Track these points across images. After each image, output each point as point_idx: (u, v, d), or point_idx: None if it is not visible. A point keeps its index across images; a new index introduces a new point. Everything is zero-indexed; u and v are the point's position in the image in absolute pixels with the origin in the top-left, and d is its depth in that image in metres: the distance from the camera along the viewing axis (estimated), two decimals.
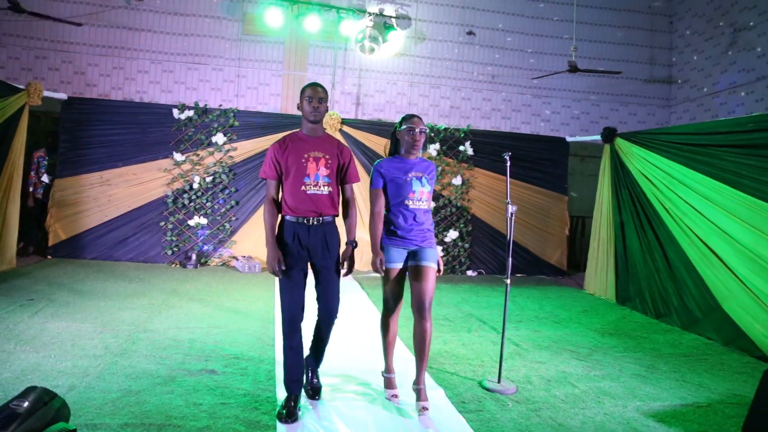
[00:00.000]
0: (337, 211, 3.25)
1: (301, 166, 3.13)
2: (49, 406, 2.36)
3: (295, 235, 3.13)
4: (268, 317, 5.30)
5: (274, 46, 9.39)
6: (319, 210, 3.14)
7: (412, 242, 3.32)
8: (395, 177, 3.33)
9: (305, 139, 3.22)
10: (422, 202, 3.34)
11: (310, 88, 3.18)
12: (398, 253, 3.32)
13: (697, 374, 4.33)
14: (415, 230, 3.32)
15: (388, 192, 3.35)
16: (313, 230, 3.14)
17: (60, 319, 4.75)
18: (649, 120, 10.56)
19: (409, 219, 3.31)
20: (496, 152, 8.29)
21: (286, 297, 3.14)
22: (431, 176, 3.42)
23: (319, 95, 3.15)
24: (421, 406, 3.21)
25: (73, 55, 8.80)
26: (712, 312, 5.49)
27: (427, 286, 3.25)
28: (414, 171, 3.36)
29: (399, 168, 3.36)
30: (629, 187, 7.00)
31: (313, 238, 3.14)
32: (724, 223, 5.43)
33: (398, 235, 3.31)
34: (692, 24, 10.05)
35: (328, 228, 3.19)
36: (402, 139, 3.39)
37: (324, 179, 3.16)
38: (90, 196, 7.73)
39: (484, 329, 5.37)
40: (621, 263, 7.08)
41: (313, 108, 3.15)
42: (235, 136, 8.14)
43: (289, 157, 3.15)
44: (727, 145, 5.51)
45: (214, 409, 3.14)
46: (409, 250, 3.33)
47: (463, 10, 9.93)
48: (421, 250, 3.31)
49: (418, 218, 3.33)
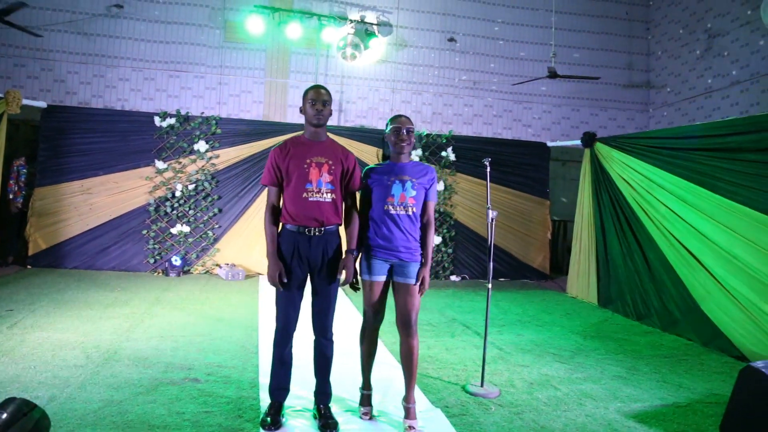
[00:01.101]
0: (340, 219, 3.12)
1: (303, 172, 2.99)
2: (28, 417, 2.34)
3: (295, 246, 3.01)
4: (251, 325, 5.28)
5: (256, 53, 9.39)
6: (321, 218, 3.00)
7: (393, 254, 3.10)
8: (378, 180, 3.16)
9: (308, 143, 3.08)
10: (404, 207, 3.10)
11: (313, 91, 3.06)
12: (380, 266, 3.13)
13: (676, 375, 4.40)
14: (395, 239, 3.09)
15: (372, 196, 3.18)
16: (314, 241, 3.01)
17: (40, 329, 4.69)
18: (629, 124, 10.72)
19: (390, 226, 3.09)
20: (478, 158, 8.33)
21: (281, 308, 3.08)
22: (423, 181, 3.16)
23: (322, 98, 3.04)
24: (408, 425, 3.07)
25: (52, 63, 8.72)
26: (691, 313, 5.59)
27: (412, 302, 3.10)
28: (400, 174, 3.14)
29: (384, 171, 3.18)
30: (609, 191, 7.10)
31: (314, 250, 3.01)
32: (701, 225, 5.54)
33: (381, 245, 3.11)
34: (668, 30, 10.25)
35: (330, 238, 3.06)
36: (389, 140, 3.22)
37: (327, 186, 3.02)
38: (71, 205, 7.66)
39: (468, 334, 5.40)
40: (602, 266, 7.17)
41: (317, 111, 3.02)
42: (218, 144, 8.12)
43: (290, 163, 3.01)
44: (703, 149, 5.62)
45: (197, 417, 3.12)
46: (391, 263, 3.14)
47: (444, 17, 10.02)
48: (404, 265, 3.12)
49: (400, 225, 3.09)
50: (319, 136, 3.11)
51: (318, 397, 3.19)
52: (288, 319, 3.07)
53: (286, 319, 3.07)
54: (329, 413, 3.13)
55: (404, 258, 3.11)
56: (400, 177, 3.14)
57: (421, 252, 3.19)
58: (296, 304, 3.09)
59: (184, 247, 7.93)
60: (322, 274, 3.06)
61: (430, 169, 3.26)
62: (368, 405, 3.31)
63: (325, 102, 3.05)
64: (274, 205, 3.09)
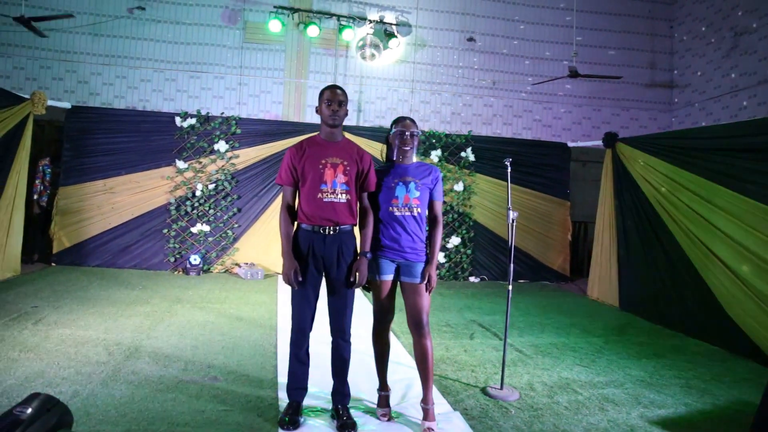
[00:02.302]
0: (355, 220, 3.10)
1: (318, 173, 2.99)
2: (52, 412, 2.36)
3: (309, 245, 3.01)
4: (270, 324, 5.30)
5: (275, 53, 9.43)
6: (335, 219, 3.00)
7: (399, 254, 3.10)
8: (382, 182, 3.16)
9: (323, 144, 3.08)
10: (408, 209, 3.11)
11: (329, 91, 3.04)
12: (387, 265, 3.12)
13: (702, 380, 4.31)
14: (402, 241, 3.10)
15: (378, 198, 3.17)
16: (329, 240, 3.01)
17: (64, 326, 4.76)
18: (651, 124, 10.56)
19: (396, 227, 3.10)
20: (497, 158, 8.32)
21: (297, 308, 3.08)
22: (427, 181, 3.16)
23: (338, 98, 3.03)
24: (427, 426, 3.05)
25: (76, 65, 8.85)
26: (716, 317, 5.47)
27: (421, 302, 3.08)
28: (403, 176, 3.15)
29: (388, 172, 3.19)
30: (631, 192, 6.99)
31: (329, 249, 3.01)
32: (727, 227, 5.42)
33: (388, 246, 3.12)
34: (693, 28, 10.07)
35: (345, 237, 3.05)
36: (393, 142, 3.23)
37: (342, 186, 3.01)
38: (93, 204, 7.77)
39: (487, 335, 5.36)
40: (624, 268, 7.06)
41: (332, 111, 3.02)
42: (237, 144, 8.17)
43: (306, 163, 3.02)
44: (729, 149, 5.50)
45: (217, 415, 3.14)
46: (397, 262, 3.13)
47: (464, 17, 9.97)
48: (410, 265, 3.11)
49: (407, 227, 3.10)
50: (335, 136, 3.11)
51: (335, 397, 3.18)
52: (303, 319, 3.07)
53: (300, 318, 3.07)
54: (347, 413, 3.12)
55: (410, 258, 3.11)
56: (404, 179, 3.14)
57: (426, 251, 3.18)
58: (311, 303, 3.08)
59: (204, 246, 8.00)
60: (337, 274, 3.04)
61: (434, 168, 3.25)
62: (386, 406, 3.30)
63: (341, 102, 3.04)
64: (289, 204, 3.10)
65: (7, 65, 8.67)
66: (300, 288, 3.02)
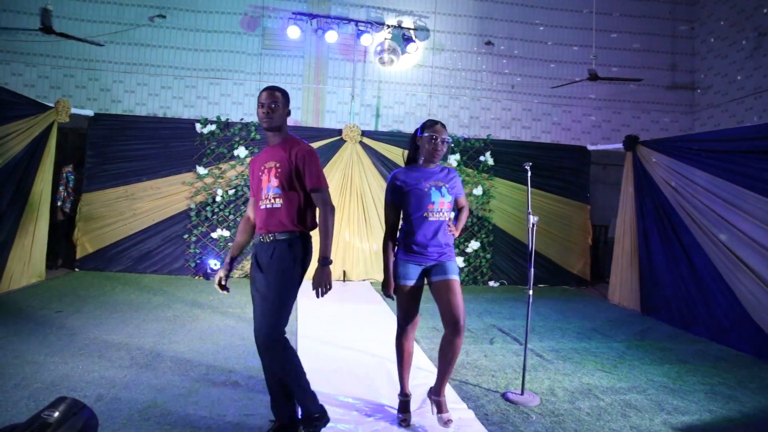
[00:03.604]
0: (296, 226, 2.84)
1: (259, 180, 2.90)
2: (78, 416, 2.41)
3: (254, 254, 2.91)
4: (290, 329, 5.30)
5: (294, 59, 9.51)
6: (269, 227, 2.83)
7: (429, 258, 3.12)
8: (414, 187, 3.11)
9: (266, 149, 2.97)
10: (442, 213, 3.13)
11: (262, 93, 2.89)
12: (414, 270, 3.12)
13: (727, 386, 4.23)
14: (434, 245, 3.12)
15: (407, 204, 3.13)
16: (265, 247, 2.84)
17: (87, 330, 4.84)
18: (672, 127, 10.42)
19: (429, 233, 3.10)
20: (516, 162, 8.27)
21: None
22: (452, 185, 3.20)
23: (269, 100, 2.85)
24: (446, 418, 3.10)
25: (99, 73, 9.02)
26: (741, 322, 5.37)
27: (458, 300, 3.06)
28: (433, 180, 3.15)
29: (418, 177, 3.15)
30: (653, 195, 6.91)
31: (264, 258, 2.83)
32: (751, 230, 5.32)
33: (415, 251, 3.11)
34: (715, 29, 9.93)
35: (280, 246, 2.81)
36: (422, 146, 3.18)
37: (274, 191, 2.83)
38: (116, 210, 7.88)
39: (507, 340, 5.33)
40: (645, 272, 6.97)
41: (264, 114, 2.86)
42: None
43: (253, 171, 2.99)
44: (753, 152, 5.41)
45: (238, 420, 3.16)
46: (425, 266, 3.13)
47: (482, 21, 9.95)
48: (440, 265, 3.12)
49: (439, 231, 3.12)
50: (274, 139, 2.95)
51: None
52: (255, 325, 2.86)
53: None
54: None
55: (441, 259, 3.14)
56: (436, 183, 3.15)
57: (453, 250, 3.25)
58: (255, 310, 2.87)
59: (224, 252, 8.07)
60: (260, 282, 2.82)
61: (452, 169, 3.31)
62: (407, 411, 3.29)
63: (273, 104, 2.85)
64: (247, 215, 3.08)
65: (32, 74, 8.86)
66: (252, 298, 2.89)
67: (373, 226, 8.34)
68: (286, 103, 2.93)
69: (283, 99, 2.91)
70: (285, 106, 2.92)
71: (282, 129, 2.94)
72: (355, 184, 8.33)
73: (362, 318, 5.92)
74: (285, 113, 2.93)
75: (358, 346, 4.82)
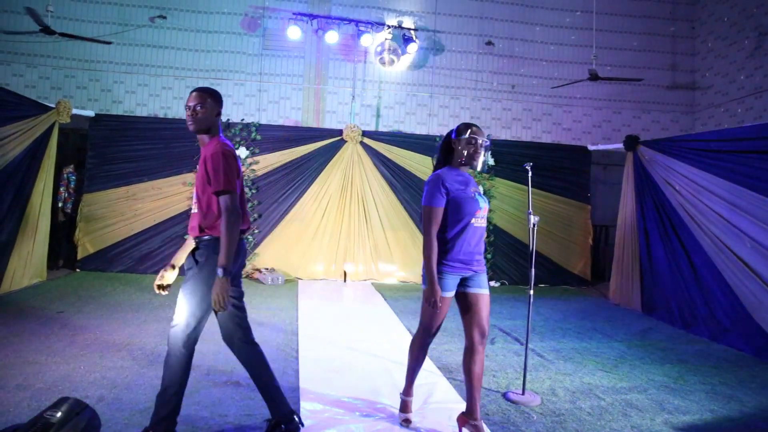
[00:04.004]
0: (203, 232, 2.74)
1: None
2: (80, 416, 2.42)
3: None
4: (291, 329, 5.33)
5: (294, 60, 9.52)
6: (191, 232, 2.81)
7: (470, 267, 3.00)
8: (462, 192, 2.96)
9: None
10: (483, 219, 3.05)
11: (190, 93, 2.81)
12: (454, 281, 2.97)
13: (727, 386, 4.24)
14: (477, 252, 3.03)
15: (451, 210, 2.95)
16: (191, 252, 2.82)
17: (89, 331, 4.85)
18: (673, 127, 10.43)
19: (474, 240, 2.99)
20: (517, 162, 8.27)
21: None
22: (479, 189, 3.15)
23: (190, 101, 2.77)
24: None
25: (100, 74, 9.04)
26: (741, 322, 5.38)
27: (487, 314, 3.02)
28: (473, 185, 3.05)
29: (461, 182, 2.99)
30: (653, 195, 6.91)
31: (189, 259, 2.81)
32: (751, 230, 5.33)
33: (459, 260, 2.96)
34: (715, 29, 9.93)
35: (198, 252, 2.76)
36: (459, 149, 3.03)
37: (194, 196, 2.81)
38: (117, 211, 7.89)
39: (508, 340, 5.33)
40: (646, 272, 6.98)
41: (188, 116, 2.77)
42: (258, 150, 8.24)
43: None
44: (754, 152, 5.41)
45: (239, 420, 3.17)
46: (464, 275, 3.01)
47: (482, 21, 9.96)
48: (476, 276, 3.02)
49: (482, 238, 3.06)
50: (202, 143, 2.85)
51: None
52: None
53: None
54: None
55: (478, 269, 3.04)
56: (475, 189, 3.06)
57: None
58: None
59: None
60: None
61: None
62: (409, 411, 3.30)
63: (195, 105, 2.75)
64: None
65: (33, 75, 8.88)
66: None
67: (373, 227, 8.34)
68: (215, 105, 2.82)
69: (212, 100, 2.80)
70: (213, 108, 2.81)
71: (211, 131, 2.83)
72: (355, 185, 8.33)
73: (363, 318, 5.93)
74: (214, 115, 2.81)
75: (359, 347, 4.83)
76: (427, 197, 2.96)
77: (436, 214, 2.93)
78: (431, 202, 2.93)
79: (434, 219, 2.92)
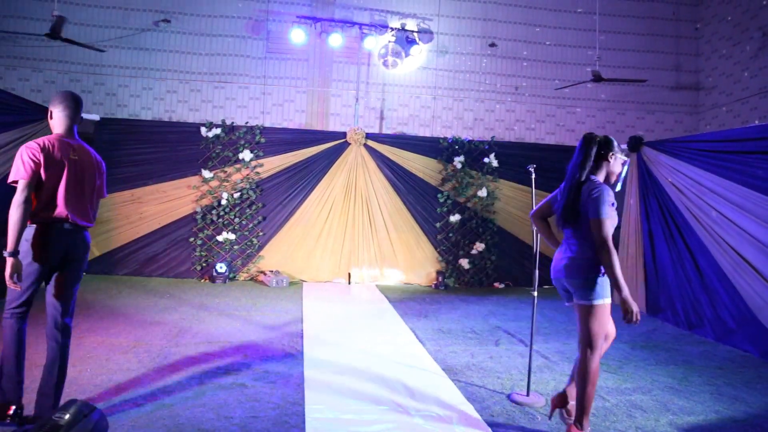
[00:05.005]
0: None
1: None
2: (88, 418, 2.44)
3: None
4: (296, 331, 5.35)
5: (298, 63, 9.55)
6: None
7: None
8: (615, 205, 3.05)
9: None
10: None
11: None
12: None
13: (732, 387, 4.23)
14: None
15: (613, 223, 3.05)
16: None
17: (95, 333, 4.88)
18: (677, 128, 10.41)
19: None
20: (521, 163, 8.26)
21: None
22: None
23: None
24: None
25: (104, 78, 9.09)
26: (747, 323, 5.36)
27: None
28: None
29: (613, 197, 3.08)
30: (657, 196, 6.90)
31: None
32: (756, 231, 5.32)
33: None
34: (719, 29, 9.92)
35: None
36: (613, 166, 3.15)
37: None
38: (122, 214, 7.93)
39: (512, 342, 5.34)
40: (650, 274, 6.97)
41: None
42: (262, 153, 8.27)
43: None
44: (758, 152, 5.40)
45: (245, 422, 3.18)
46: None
47: (485, 23, 9.98)
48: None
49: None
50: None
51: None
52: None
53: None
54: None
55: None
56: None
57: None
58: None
59: (229, 255, 8.11)
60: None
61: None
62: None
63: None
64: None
65: (38, 80, 8.94)
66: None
67: (377, 229, 8.36)
68: (53, 106, 3.29)
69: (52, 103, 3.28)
70: (50, 106, 3.30)
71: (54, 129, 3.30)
72: (359, 187, 8.35)
73: (368, 320, 5.94)
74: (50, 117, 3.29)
75: (363, 349, 4.84)
76: (606, 210, 2.98)
77: (611, 223, 3.01)
78: (605, 214, 2.98)
79: (610, 228, 3.00)
